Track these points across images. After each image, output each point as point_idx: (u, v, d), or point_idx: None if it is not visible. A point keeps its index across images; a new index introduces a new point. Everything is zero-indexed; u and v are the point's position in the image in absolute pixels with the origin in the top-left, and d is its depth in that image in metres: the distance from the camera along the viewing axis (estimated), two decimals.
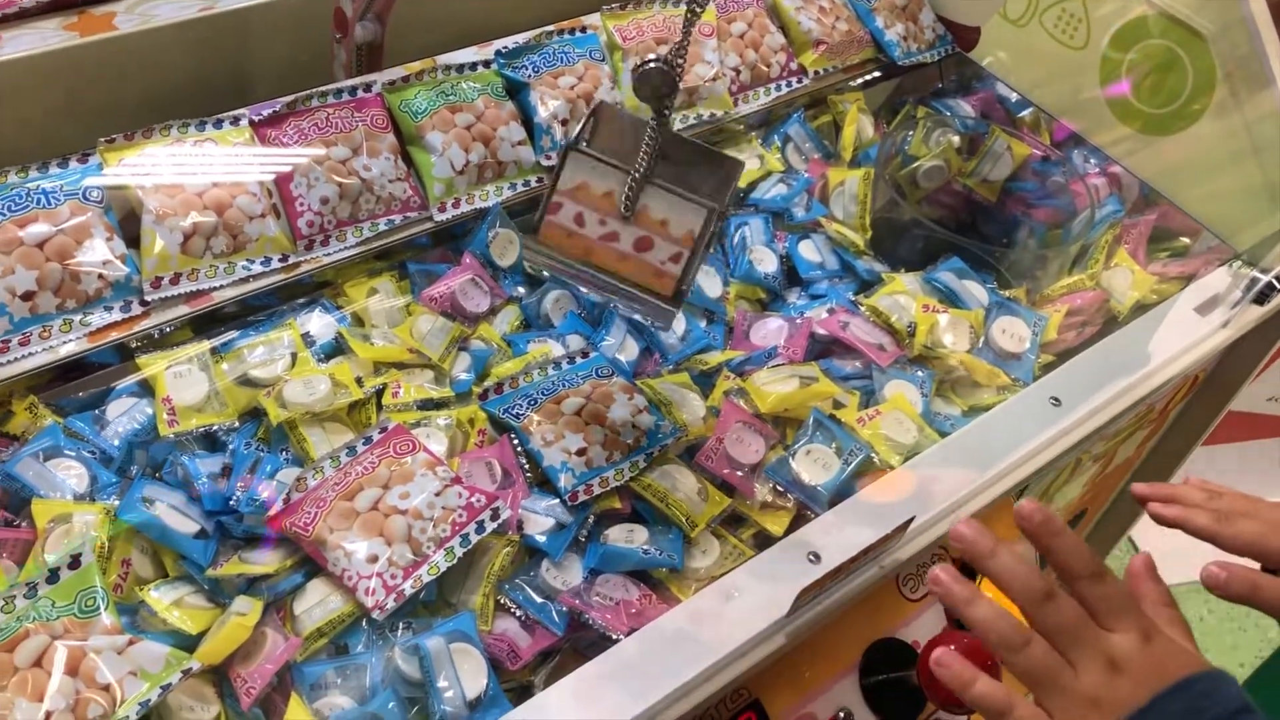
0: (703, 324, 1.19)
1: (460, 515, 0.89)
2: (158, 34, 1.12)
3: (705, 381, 1.12)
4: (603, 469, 0.97)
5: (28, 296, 0.93)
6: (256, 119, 1.07)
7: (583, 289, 1.11)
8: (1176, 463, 1.46)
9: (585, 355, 1.09)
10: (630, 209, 0.88)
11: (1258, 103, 1.26)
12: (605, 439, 0.99)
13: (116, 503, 0.87)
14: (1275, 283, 1.21)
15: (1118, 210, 1.39)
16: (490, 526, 0.90)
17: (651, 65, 0.86)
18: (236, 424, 0.97)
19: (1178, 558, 2.46)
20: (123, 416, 0.94)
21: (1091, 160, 1.47)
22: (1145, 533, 2.29)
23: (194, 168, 1.02)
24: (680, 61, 0.86)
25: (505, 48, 1.22)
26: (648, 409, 1.03)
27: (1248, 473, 2.45)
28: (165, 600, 0.84)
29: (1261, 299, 1.21)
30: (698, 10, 0.84)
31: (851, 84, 1.46)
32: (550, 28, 1.27)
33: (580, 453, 0.97)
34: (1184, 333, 1.20)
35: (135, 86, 1.13)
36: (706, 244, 0.89)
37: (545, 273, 1.14)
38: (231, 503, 0.90)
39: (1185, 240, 1.41)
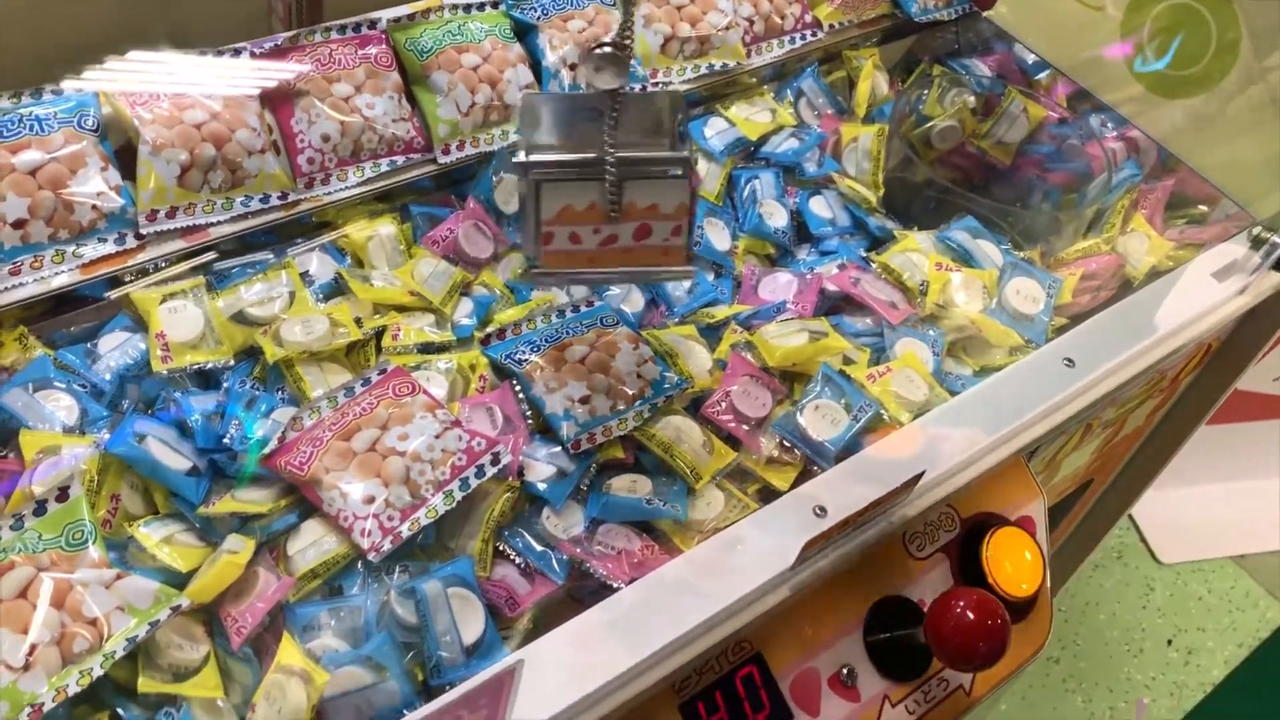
0: (710, 277, 1.17)
1: (460, 459, 0.87)
2: None
3: (712, 335, 1.10)
4: (606, 418, 0.95)
5: (19, 225, 0.90)
6: (258, 52, 1.04)
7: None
8: (1188, 430, 1.44)
9: (590, 304, 1.06)
10: (618, 212, 0.85)
11: None
12: (609, 388, 0.97)
13: (107, 436, 0.85)
14: None
15: (1135, 174, 1.36)
16: (490, 471, 0.88)
17: (606, 51, 0.82)
18: (232, 362, 0.94)
19: (1177, 535, 2.45)
20: (115, 351, 0.92)
21: (1109, 124, 1.44)
22: (1146, 508, 2.29)
23: (193, 99, 0.99)
24: (629, 41, 0.83)
25: None
26: (653, 359, 1.01)
27: (1254, 454, 2.43)
28: (155, 537, 0.81)
29: None
30: None
31: (866, 40, 1.43)
32: None
33: (584, 401, 0.95)
34: (1201, 298, 1.18)
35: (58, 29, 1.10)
36: (694, 194, 0.87)
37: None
38: (225, 440, 0.87)
39: (1203, 208, 1.39)
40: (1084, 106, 1.46)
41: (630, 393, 0.97)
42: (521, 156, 0.84)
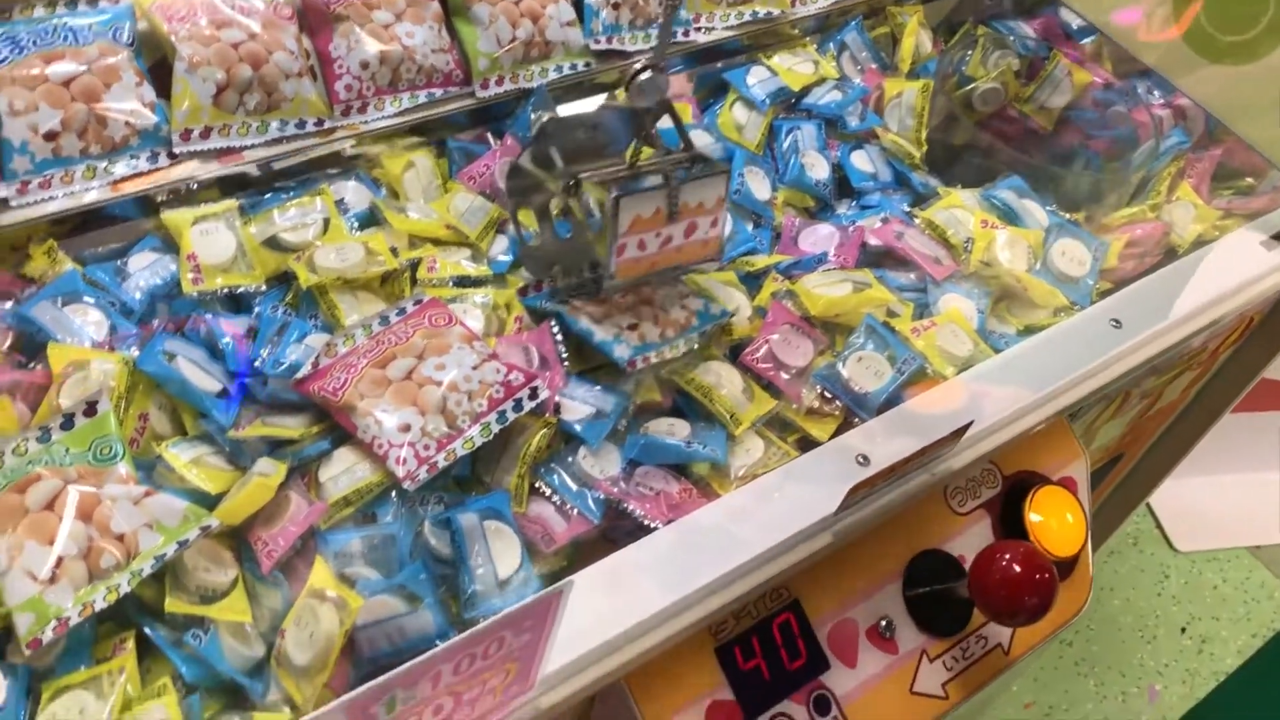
0: (749, 226, 1.14)
1: (498, 391, 0.84)
2: None
3: (752, 283, 1.07)
4: (657, 344, 0.93)
5: (51, 136, 0.88)
6: None
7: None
8: (1223, 407, 1.41)
9: None
10: (677, 211, 0.91)
11: None
12: (656, 317, 0.95)
13: (136, 353, 0.82)
14: None
15: (1183, 141, 1.33)
16: (528, 406, 0.85)
17: (646, 76, 0.89)
18: (264, 287, 0.92)
19: (1194, 524, 2.42)
20: (145, 270, 0.90)
21: (1155, 90, 1.41)
22: (1163, 496, 2.26)
23: (231, 18, 0.96)
24: (664, 62, 0.91)
25: None
26: (694, 294, 0.98)
27: (1273, 444, 2.41)
28: (184, 458, 0.79)
29: None
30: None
31: None
32: None
33: (632, 328, 0.93)
34: (1248, 267, 1.15)
35: None
36: (727, 195, 0.95)
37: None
38: (257, 364, 0.85)
39: (1250, 180, 1.36)
40: (1130, 72, 1.43)
41: (679, 320, 0.95)
42: (571, 182, 0.92)
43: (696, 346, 0.95)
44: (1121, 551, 2.35)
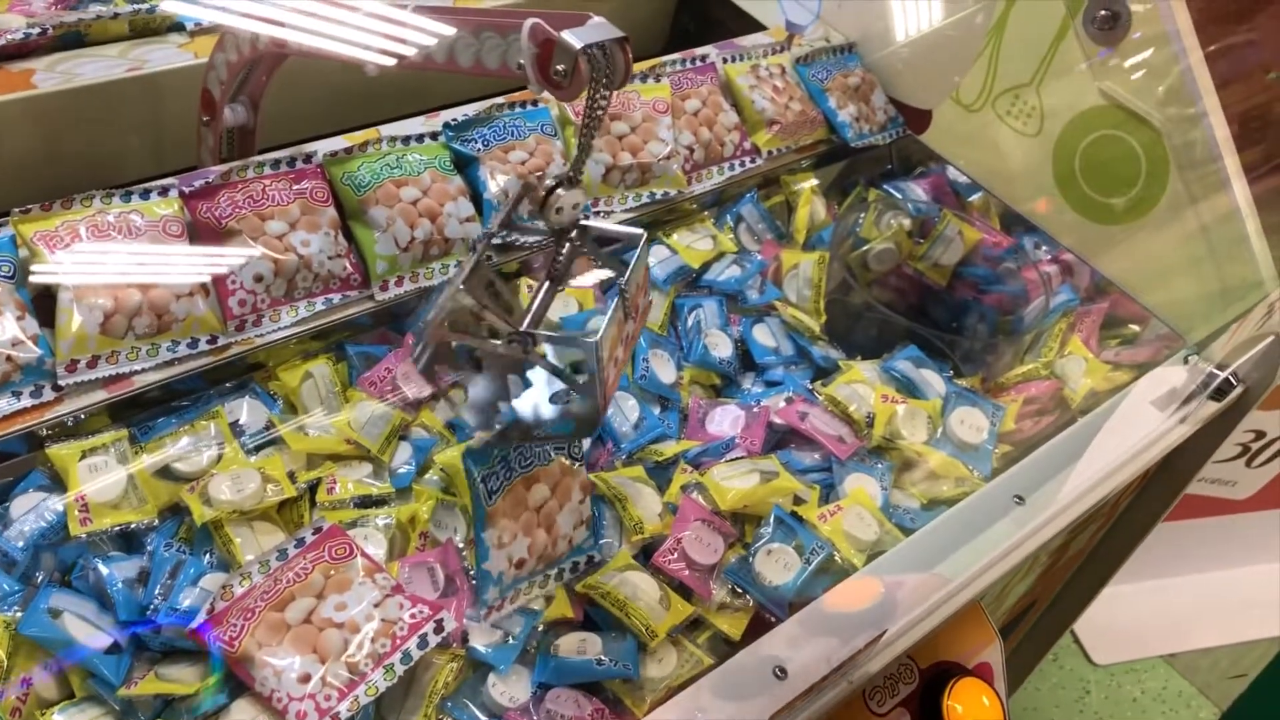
0: (657, 411, 1.14)
1: (401, 629, 0.82)
2: None
3: (661, 475, 1.07)
4: (525, 578, 0.92)
5: None
6: (187, 190, 1.01)
7: None
8: (1127, 551, 1.44)
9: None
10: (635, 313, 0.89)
11: (1210, 195, 1.26)
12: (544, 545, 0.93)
13: (19, 615, 0.78)
14: (1232, 379, 1.20)
15: (1072, 299, 1.38)
16: (433, 641, 0.83)
17: (562, 192, 0.86)
18: (156, 522, 0.89)
19: (1110, 635, 2.45)
20: (29, 514, 0.86)
21: (1043, 247, 1.46)
22: (1085, 620, 2.29)
23: (118, 242, 0.95)
24: (579, 176, 0.87)
25: (454, 120, 1.17)
26: (584, 523, 0.98)
27: (1180, 551, 2.46)
28: None
29: (1219, 395, 1.20)
30: (598, 111, 0.82)
31: (803, 164, 1.44)
32: (500, 100, 1.22)
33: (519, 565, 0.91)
34: (1143, 427, 1.18)
35: None
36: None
37: None
38: (149, 612, 0.82)
39: (1135, 328, 1.40)
40: (1018, 229, 1.48)
41: (555, 551, 0.94)
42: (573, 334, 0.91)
43: (551, 587, 0.94)
44: (1042, 668, 2.36)
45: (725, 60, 1.40)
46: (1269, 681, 2.03)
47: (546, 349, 0.85)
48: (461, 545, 0.95)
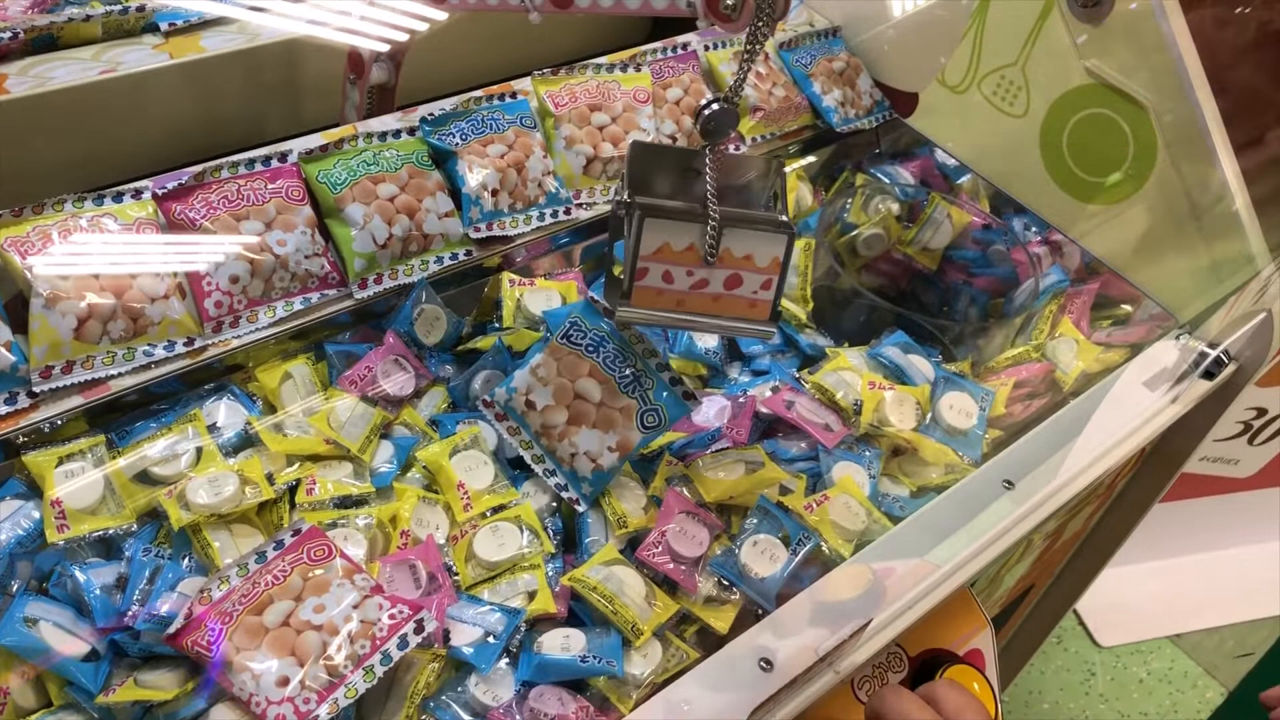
0: None
1: (381, 630, 0.81)
2: None
3: (646, 468, 1.06)
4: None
5: None
6: (161, 192, 1.00)
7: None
8: (1125, 533, 1.43)
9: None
10: (715, 256, 0.87)
11: (1199, 173, 1.25)
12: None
13: None
14: (1223, 357, 1.19)
15: (1062, 280, 1.36)
16: (414, 641, 0.82)
17: (717, 107, 0.87)
18: (134, 527, 0.88)
19: (1114, 617, 2.44)
20: (5, 522, 0.85)
21: (1033, 228, 1.45)
22: (1089, 602, 2.28)
23: (91, 245, 0.94)
24: (738, 99, 0.88)
25: (431, 114, 1.16)
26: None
27: (1184, 531, 2.45)
28: None
29: (1210, 374, 1.19)
30: (760, 42, 0.84)
31: (789, 150, 1.43)
32: (478, 93, 1.21)
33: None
34: (1134, 408, 1.17)
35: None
36: (789, 253, 0.89)
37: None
38: (127, 618, 0.81)
39: (1127, 308, 1.39)
40: (1007, 210, 1.46)
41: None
42: (625, 195, 0.88)
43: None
44: (1047, 651, 2.35)
45: (707, 47, 1.39)
46: (1276, 660, 2.02)
47: None
48: (443, 542, 0.94)
